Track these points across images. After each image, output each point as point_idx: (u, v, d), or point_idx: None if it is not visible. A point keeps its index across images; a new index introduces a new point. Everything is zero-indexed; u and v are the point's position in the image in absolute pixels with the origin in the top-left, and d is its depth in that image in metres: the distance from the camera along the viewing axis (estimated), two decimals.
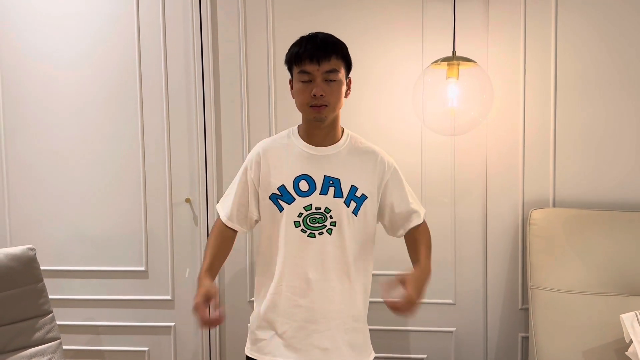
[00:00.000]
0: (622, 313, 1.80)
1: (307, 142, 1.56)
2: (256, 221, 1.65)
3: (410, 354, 2.27)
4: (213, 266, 1.58)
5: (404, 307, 1.40)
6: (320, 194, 1.51)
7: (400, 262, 2.20)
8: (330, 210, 1.51)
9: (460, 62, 1.93)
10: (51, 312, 1.93)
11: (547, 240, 2.03)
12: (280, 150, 1.58)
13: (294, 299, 1.52)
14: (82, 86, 2.29)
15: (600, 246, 1.99)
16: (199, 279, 1.51)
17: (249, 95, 2.24)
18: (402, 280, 1.43)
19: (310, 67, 1.44)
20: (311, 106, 1.47)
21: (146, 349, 2.37)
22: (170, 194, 2.30)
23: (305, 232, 1.51)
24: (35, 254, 1.90)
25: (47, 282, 1.98)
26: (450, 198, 2.20)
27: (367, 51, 2.19)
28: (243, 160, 2.25)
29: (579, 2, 2.09)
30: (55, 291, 2.30)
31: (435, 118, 2.01)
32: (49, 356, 1.86)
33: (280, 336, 1.53)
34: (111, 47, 2.27)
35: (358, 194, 1.53)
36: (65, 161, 2.33)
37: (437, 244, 2.19)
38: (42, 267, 1.95)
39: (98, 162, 2.32)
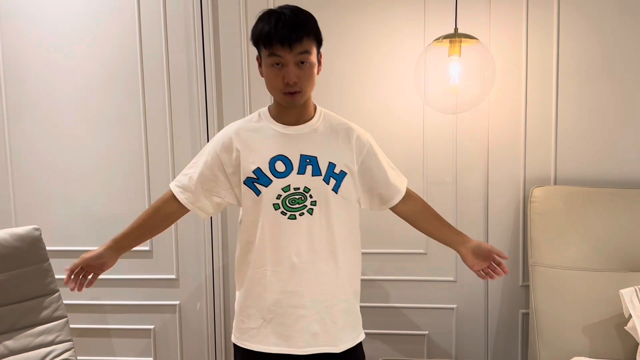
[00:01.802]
0: (622, 288, 1.82)
1: (280, 123, 1.51)
2: (218, 205, 1.58)
3: (411, 330, 2.30)
4: (125, 239, 1.58)
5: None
6: (297, 173, 1.47)
7: (406, 240, 2.23)
8: (310, 190, 1.47)
9: (462, 39, 1.92)
10: (57, 291, 1.96)
11: (548, 218, 2.04)
12: (252, 132, 1.52)
13: (280, 285, 1.48)
14: (83, 65, 2.28)
15: (600, 223, 2.00)
16: (102, 247, 1.55)
17: (250, 72, 2.23)
18: (480, 254, 1.57)
19: (281, 52, 1.37)
20: (284, 93, 1.42)
21: (152, 327, 2.41)
22: (173, 173, 2.31)
23: (286, 214, 1.47)
24: (40, 234, 1.92)
25: (53, 262, 2.00)
26: (451, 177, 2.21)
27: (369, 30, 2.17)
28: None
29: None
30: (61, 271, 2.32)
31: (437, 96, 2.00)
32: (56, 334, 1.89)
33: (268, 323, 1.49)
34: (111, 25, 2.25)
35: (337, 170, 1.49)
36: (69, 141, 2.34)
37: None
38: (47, 248, 1.97)
39: (101, 142, 2.33)
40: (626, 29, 2.06)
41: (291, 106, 1.47)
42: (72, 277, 1.56)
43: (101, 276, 2.35)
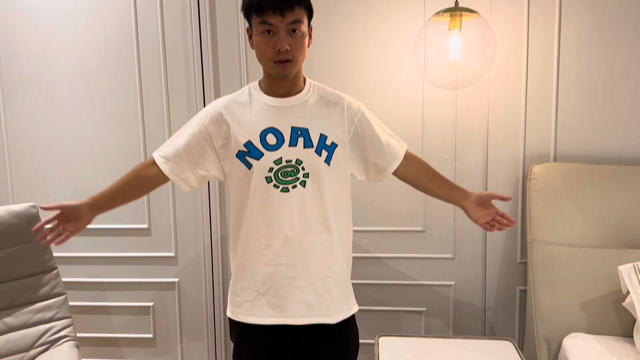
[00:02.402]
0: (620, 265, 1.82)
1: (270, 95, 1.49)
2: (202, 178, 1.57)
3: (409, 307, 2.31)
4: (103, 199, 1.53)
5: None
6: (289, 146, 1.45)
7: (404, 218, 2.23)
8: (302, 162, 1.45)
9: (463, 13, 1.89)
10: (56, 268, 1.96)
11: (547, 195, 2.04)
12: (242, 106, 1.50)
13: (274, 258, 1.47)
14: (78, 42, 2.25)
15: (600, 200, 2.00)
16: (82, 202, 1.51)
17: (247, 49, 2.21)
18: (482, 203, 1.61)
19: (273, 19, 1.35)
20: (275, 62, 1.40)
21: (151, 304, 2.42)
22: None
23: (278, 187, 1.45)
24: (38, 211, 1.91)
25: None
26: (450, 154, 2.19)
27: (369, 4, 2.13)
28: None
29: None
30: (59, 249, 2.32)
31: (437, 72, 1.98)
32: (56, 311, 1.90)
33: (263, 296, 1.49)
34: (106, 1, 2.22)
35: (328, 142, 1.48)
36: (65, 119, 2.32)
37: (436, 199, 2.21)
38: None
39: (97, 119, 2.31)
40: (629, 5, 2.03)
41: (282, 76, 1.44)
42: (45, 227, 1.51)
43: (100, 254, 2.39)
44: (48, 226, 1.51)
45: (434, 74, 1.98)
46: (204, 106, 2.21)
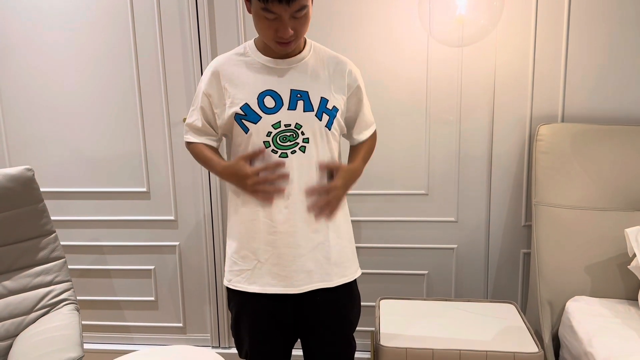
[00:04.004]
0: (627, 228, 1.79)
1: (268, 56, 1.42)
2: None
3: (411, 270, 2.29)
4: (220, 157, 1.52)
5: (326, 200, 1.43)
6: (288, 109, 1.39)
7: (407, 181, 2.19)
8: (302, 126, 1.39)
9: None
10: (54, 232, 1.93)
11: (553, 156, 1.98)
12: (238, 66, 1.43)
13: (273, 225, 1.42)
14: (72, 3, 2.18)
15: (607, 161, 1.95)
16: (230, 167, 1.43)
17: (244, 11, 2.12)
18: (333, 168, 1.46)
19: (277, 8, 1.26)
20: (277, 42, 1.34)
21: (152, 267, 2.42)
22: (168, 114, 2.25)
23: (277, 152, 1.40)
24: (33, 175, 1.88)
25: (49, 203, 1.97)
26: (455, 115, 2.13)
27: None
28: None
29: None
30: (56, 212, 2.32)
31: (443, 28, 1.90)
32: (55, 274, 1.89)
33: (263, 264, 1.45)
34: None
35: (329, 106, 1.42)
36: (60, 81, 2.27)
37: (440, 162, 2.17)
38: (42, 189, 1.93)
39: (92, 81, 2.26)
40: None
41: (283, 53, 1.39)
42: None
43: (99, 217, 2.37)
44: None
45: (440, 30, 1.91)
46: (201, 66, 2.17)
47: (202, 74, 2.15)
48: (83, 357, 1.59)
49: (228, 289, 1.53)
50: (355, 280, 1.55)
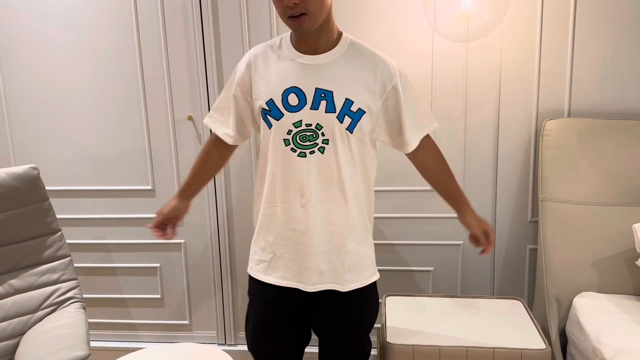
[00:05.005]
0: (634, 223, 1.78)
1: (299, 51, 1.39)
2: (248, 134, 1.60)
3: (417, 266, 2.29)
4: (190, 187, 1.62)
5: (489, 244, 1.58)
6: (310, 108, 1.36)
7: (412, 178, 2.18)
8: (322, 127, 1.36)
9: None
10: (60, 230, 1.94)
11: (560, 152, 1.97)
12: (269, 60, 1.43)
13: (289, 222, 1.42)
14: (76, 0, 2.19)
15: (614, 156, 1.93)
16: (173, 198, 1.61)
17: (248, 8, 2.11)
18: (476, 236, 1.57)
19: None
20: (289, 17, 1.30)
21: (158, 265, 2.42)
22: (172, 112, 2.24)
23: (295, 151, 1.38)
24: (38, 173, 1.88)
25: (54, 201, 1.97)
26: (461, 111, 2.12)
27: None
28: None
29: None
30: (62, 211, 2.32)
31: (448, 23, 1.89)
32: (61, 272, 1.89)
33: (279, 258, 1.46)
34: None
35: (354, 108, 1.36)
36: (64, 79, 2.26)
37: (445, 156, 2.14)
38: (47, 187, 1.94)
39: (96, 79, 2.25)
40: None
41: (301, 32, 1.35)
42: (160, 232, 1.61)
43: (105, 215, 2.37)
44: (160, 237, 1.62)
45: (445, 25, 1.90)
46: (205, 62, 2.17)
47: (206, 71, 2.17)
48: (90, 355, 1.59)
49: (249, 275, 1.56)
50: (371, 283, 1.52)
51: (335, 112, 1.36)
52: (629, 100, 2.03)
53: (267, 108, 1.40)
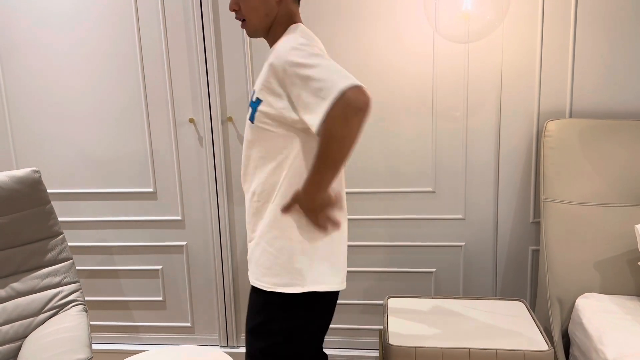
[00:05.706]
0: (637, 224, 1.77)
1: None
2: None
3: (418, 268, 2.28)
4: None
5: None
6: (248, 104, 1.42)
7: (414, 179, 2.18)
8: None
9: None
10: (61, 233, 1.94)
11: (562, 152, 1.97)
12: None
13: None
14: (77, 2, 2.18)
15: (616, 157, 1.93)
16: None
17: None
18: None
19: None
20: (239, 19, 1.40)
21: (159, 267, 2.42)
22: (174, 114, 2.24)
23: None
24: (40, 176, 1.88)
25: (56, 204, 1.98)
26: (462, 111, 2.12)
27: None
28: (245, 78, 2.18)
29: None
30: (63, 214, 2.32)
31: (448, 24, 1.89)
32: (63, 275, 1.89)
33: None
34: None
35: (254, 98, 1.33)
36: (66, 82, 2.27)
37: (447, 159, 2.15)
38: (49, 190, 1.94)
39: (98, 82, 2.26)
40: None
41: (249, 35, 1.43)
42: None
43: (106, 218, 2.38)
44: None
45: (446, 26, 1.90)
46: (205, 64, 2.17)
47: (207, 73, 2.18)
48: (92, 358, 1.59)
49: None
50: (270, 292, 1.37)
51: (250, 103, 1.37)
52: (630, 101, 2.03)
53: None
